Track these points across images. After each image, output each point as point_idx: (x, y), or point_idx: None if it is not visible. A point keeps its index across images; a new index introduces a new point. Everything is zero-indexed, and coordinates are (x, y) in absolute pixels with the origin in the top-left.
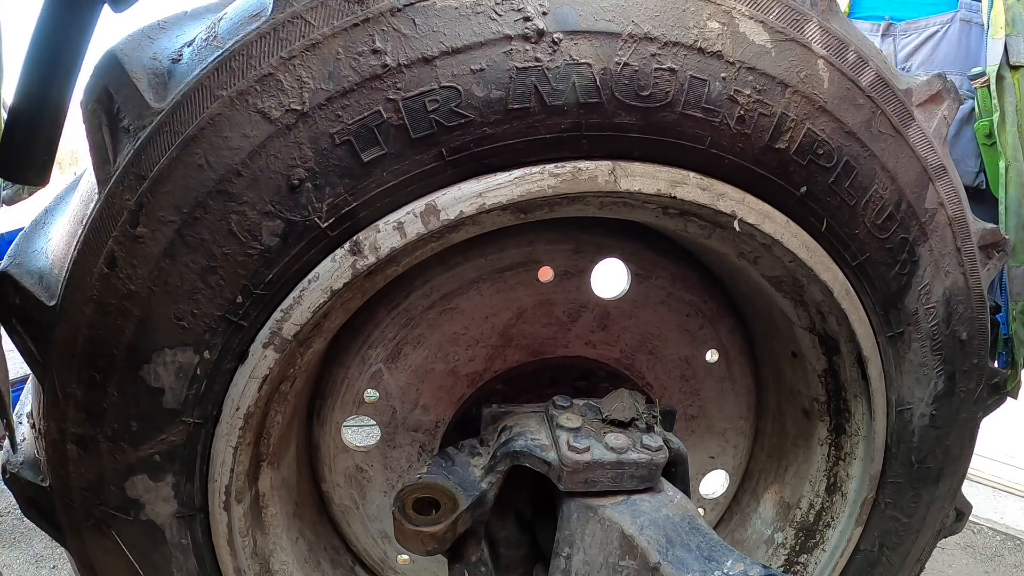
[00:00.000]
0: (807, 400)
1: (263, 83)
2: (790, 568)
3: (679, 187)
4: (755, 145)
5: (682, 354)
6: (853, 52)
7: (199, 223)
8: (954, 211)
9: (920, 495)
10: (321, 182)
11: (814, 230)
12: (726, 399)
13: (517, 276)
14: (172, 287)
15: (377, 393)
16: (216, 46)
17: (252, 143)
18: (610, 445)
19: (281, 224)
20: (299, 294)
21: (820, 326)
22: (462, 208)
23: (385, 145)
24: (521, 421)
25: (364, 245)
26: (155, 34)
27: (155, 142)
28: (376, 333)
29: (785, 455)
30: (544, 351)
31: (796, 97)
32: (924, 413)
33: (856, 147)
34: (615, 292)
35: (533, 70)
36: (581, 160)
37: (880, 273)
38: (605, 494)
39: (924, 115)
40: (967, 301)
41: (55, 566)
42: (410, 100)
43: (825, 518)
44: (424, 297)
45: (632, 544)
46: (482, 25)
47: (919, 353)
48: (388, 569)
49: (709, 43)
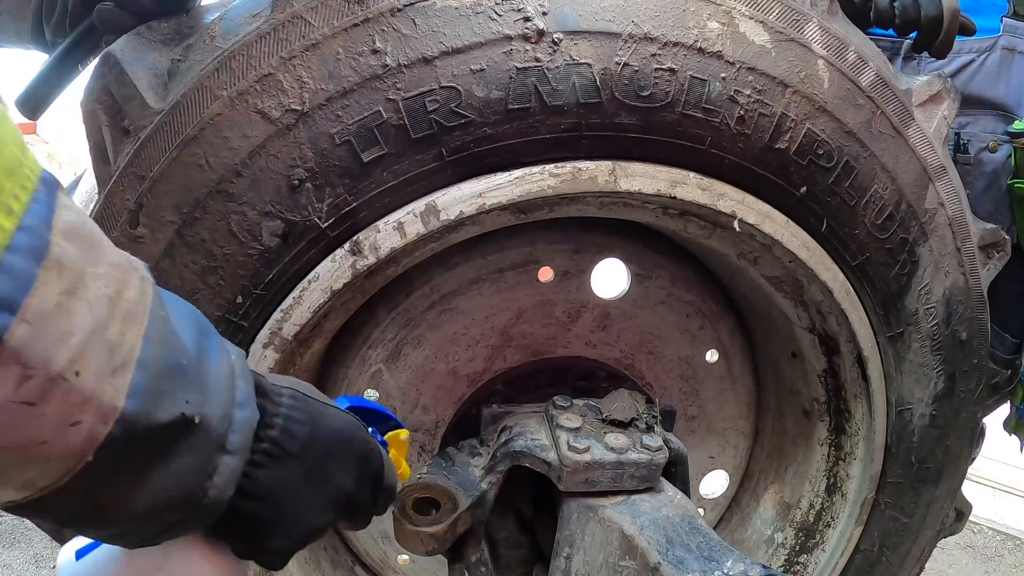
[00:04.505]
0: (807, 400)
1: (263, 83)
2: (790, 568)
3: (679, 187)
4: (755, 145)
5: (682, 354)
6: (853, 52)
7: (199, 223)
8: (954, 211)
9: (920, 495)
10: (321, 182)
11: (814, 230)
12: (726, 399)
13: (517, 276)
14: (172, 287)
15: (377, 393)
16: (216, 46)
17: (252, 143)
18: (610, 445)
19: (281, 224)
20: (299, 294)
21: (820, 326)
22: (462, 208)
23: (385, 145)
24: (521, 421)
25: (364, 245)
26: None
27: (155, 142)
28: (376, 333)
29: (785, 455)
30: (544, 351)
31: (796, 97)
32: (924, 413)
33: (856, 147)
34: (615, 292)
35: (533, 70)
36: (581, 160)
37: (880, 273)
38: (605, 494)
39: (924, 115)
40: (967, 301)
41: (55, 566)
42: (410, 100)
43: (825, 518)
44: (424, 297)
45: (632, 544)
46: (482, 25)
47: (919, 353)
48: (388, 569)
49: (709, 43)
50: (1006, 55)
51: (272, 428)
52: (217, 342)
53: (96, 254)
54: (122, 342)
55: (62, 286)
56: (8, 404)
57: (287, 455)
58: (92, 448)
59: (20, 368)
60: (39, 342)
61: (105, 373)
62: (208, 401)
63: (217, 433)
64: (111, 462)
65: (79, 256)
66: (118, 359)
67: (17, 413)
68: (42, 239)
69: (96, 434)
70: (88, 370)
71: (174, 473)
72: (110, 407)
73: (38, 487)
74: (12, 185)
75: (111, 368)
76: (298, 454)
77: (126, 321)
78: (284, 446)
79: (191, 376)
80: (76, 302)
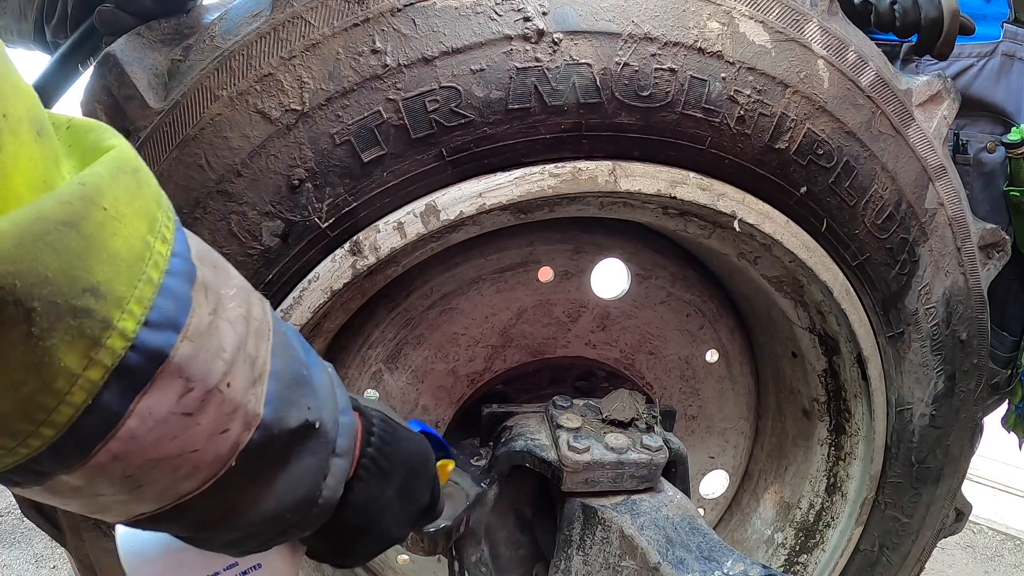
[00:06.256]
0: (807, 400)
1: (263, 83)
2: (790, 568)
3: (679, 187)
4: (755, 145)
5: (682, 354)
6: (853, 52)
7: (199, 223)
8: (954, 211)
9: (920, 495)
10: (321, 182)
11: (814, 230)
12: (726, 399)
13: (517, 276)
14: None
15: (377, 393)
16: (216, 46)
17: (252, 143)
18: (610, 445)
19: (281, 224)
20: (299, 294)
21: (820, 326)
22: (462, 208)
23: (385, 145)
24: (521, 421)
25: (364, 245)
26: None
27: (155, 142)
28: (376, 333)
29: (785, 455)
30: (544, 351)
31: (796, 97)
32: (924, 413)
33: (856, 147)
34: (615, 292)
35: (533, 70)
36: (581, 160)
37: (880, 273)
38: (605, 494)
39: (924, 115)
40: (967, 301)
41: (55, 566)
42: (410, 100)
43: (825, 518)
44: (424, 297)
45: (632, 544)
46: (482, 25)
47: (919, 353)
48: (388, 569)
49: (709, 43)
50: (1006, 61)
51: (369, 446)
52: (316, 356)
53: (225, 276)
54: (258, 356)
55: (210, 306)
56: (170, 416)
57: (382, 472)
58: (235, 453)
59: (183, 382)
60: (199, 358)
61: (248, 384)
62: (322, 408)
63: (330, 437)
64: (249, 466)
65: (215, 279)
66: (257, 371)
67: (177, 424)
68: (190, 264)
69: (241, 440)
70: (237, 381)
71: (296, 475)
72: (253, 415)
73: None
74: (162, 215)
75: (252, 379)
76: (390, 471)
77: (258, 337)
78: (380, 463)
79: (309, 385)
80: (221, 320)
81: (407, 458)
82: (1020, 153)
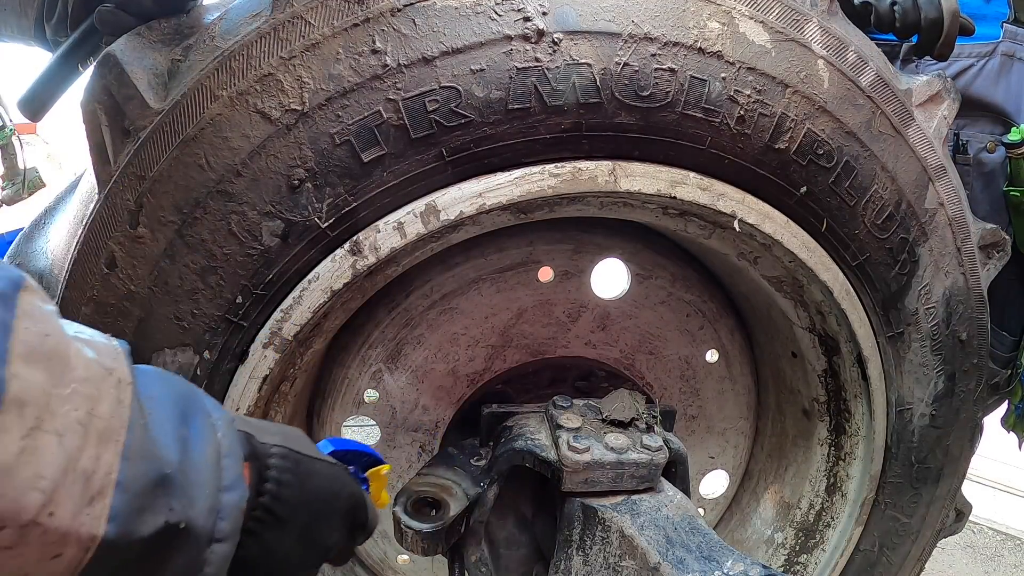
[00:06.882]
0: (807, 400)
1: (263, 83)
2: (790, 568)
3: (679, 187)
4: (755, 145)
5: (682, 354)
6: (853, 52)
7: (199, 223)
8: (954, 211)
9: (920, 495)
10: (321, 182)
11: (814, 230)
12: (726, 399)
13: (517, 276)
14: (172, 287)
15: (377, 393)
16: (216, 46)
17: (252, 143)
18: (610, 445)
19: (281, 224)
20: (299, 294)
21: (820, 326)
22: (462, 208)
23: (385, 145)
24: (521, 421)
25: (364, 245)
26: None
27: (155, 142)
28: (376, 333)
29: (785, 455)
30: (544, 351)
31: (796, 97)
32: (924, 413)
33: (856, 147)
34: (615, 292)
35: (533, 70)
36: (581, 160)
37: (880, 273)
38: (605, 494)
39: (924, 115)
40: (967, 301)
41: None
42: (410, 100)
43: (825, 518)
44: (424, 297)
45: (632, 544)
46: (482, 25)
47: (919, 353)
48: (388, 569)
49: (709, 43)
50: (1006, 61)
51: (263, 495)
52: (201, 422)
53: (62, 372)
54: (97, 468)
55: (25, 426)
56: None
57: (278, 521)
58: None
59: None
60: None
61: (82, 505)
62: (193, 502)
63: (204, 530)
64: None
65: (43, 381)
66: (95, 486)
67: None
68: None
69: (77, 562)
70: (63, 508)
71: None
72: (88, 537)
73: None
74: None
75: (87, 498)
76: (288, 519)
77: (101, 442)
78: (276, 512)
79: (175, 483)
80: (44, 437)
81: (311, 498)
82: (1020, 153)
